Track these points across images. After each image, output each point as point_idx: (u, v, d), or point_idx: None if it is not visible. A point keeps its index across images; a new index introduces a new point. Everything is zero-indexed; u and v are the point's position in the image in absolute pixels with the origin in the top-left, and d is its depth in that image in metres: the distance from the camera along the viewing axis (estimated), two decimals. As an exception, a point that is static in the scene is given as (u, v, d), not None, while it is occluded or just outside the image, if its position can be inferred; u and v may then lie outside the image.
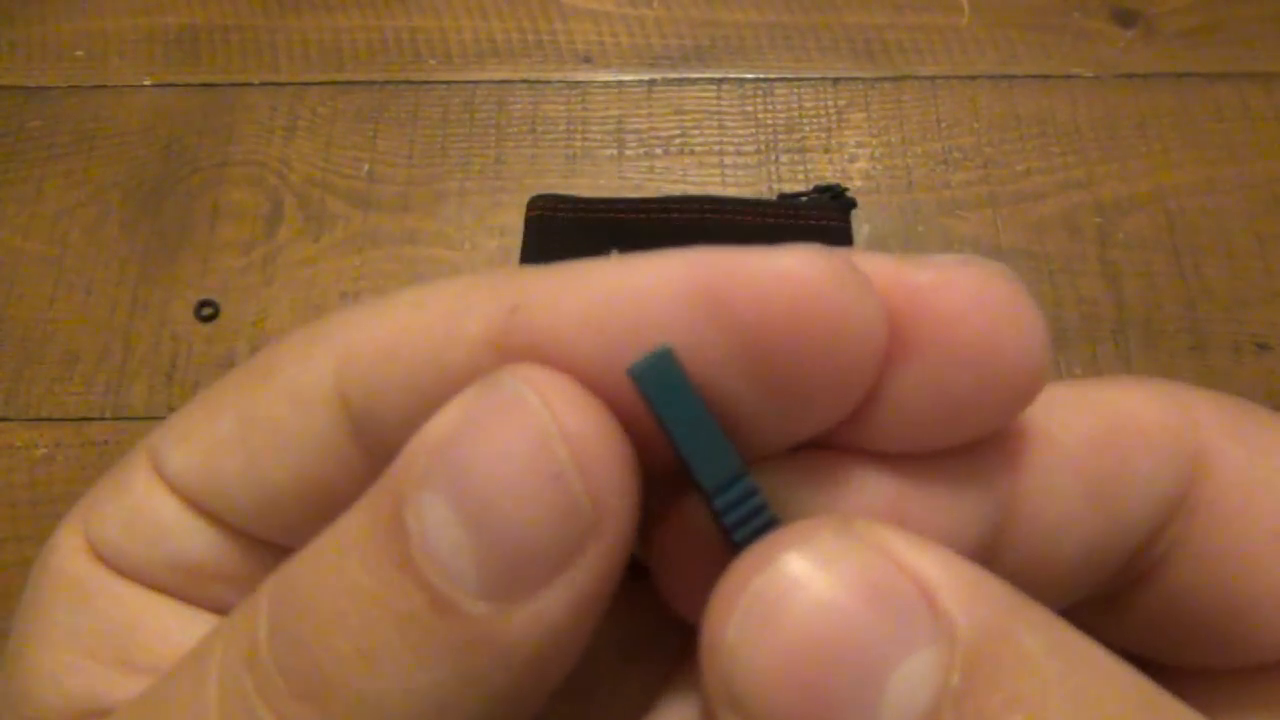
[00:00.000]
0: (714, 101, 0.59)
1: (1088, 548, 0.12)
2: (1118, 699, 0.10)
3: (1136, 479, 0.12)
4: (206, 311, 0.54)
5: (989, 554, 0.12)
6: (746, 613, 0.10)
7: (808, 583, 0.10)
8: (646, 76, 0.60)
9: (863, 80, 0.60)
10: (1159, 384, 0.13)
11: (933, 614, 0.10)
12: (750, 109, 0.59)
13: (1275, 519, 0.12)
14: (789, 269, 0.11)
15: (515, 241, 0.55)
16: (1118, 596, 0.13)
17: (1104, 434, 0.13)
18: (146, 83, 0.61)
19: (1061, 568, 0.13)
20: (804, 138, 0.58)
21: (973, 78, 0.60)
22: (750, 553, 0.11)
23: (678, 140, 0.58)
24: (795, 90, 0.60)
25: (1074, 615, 0.12)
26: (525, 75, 0.60)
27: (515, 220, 0.56)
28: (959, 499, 0.12)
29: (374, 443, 0.13)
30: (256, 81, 0.60)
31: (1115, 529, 0.12)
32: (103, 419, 0.52)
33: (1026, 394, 0.12)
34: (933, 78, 0.60)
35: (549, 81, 0.60)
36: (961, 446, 0.12)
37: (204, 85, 0.60)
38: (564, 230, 0.55)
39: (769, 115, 0.59)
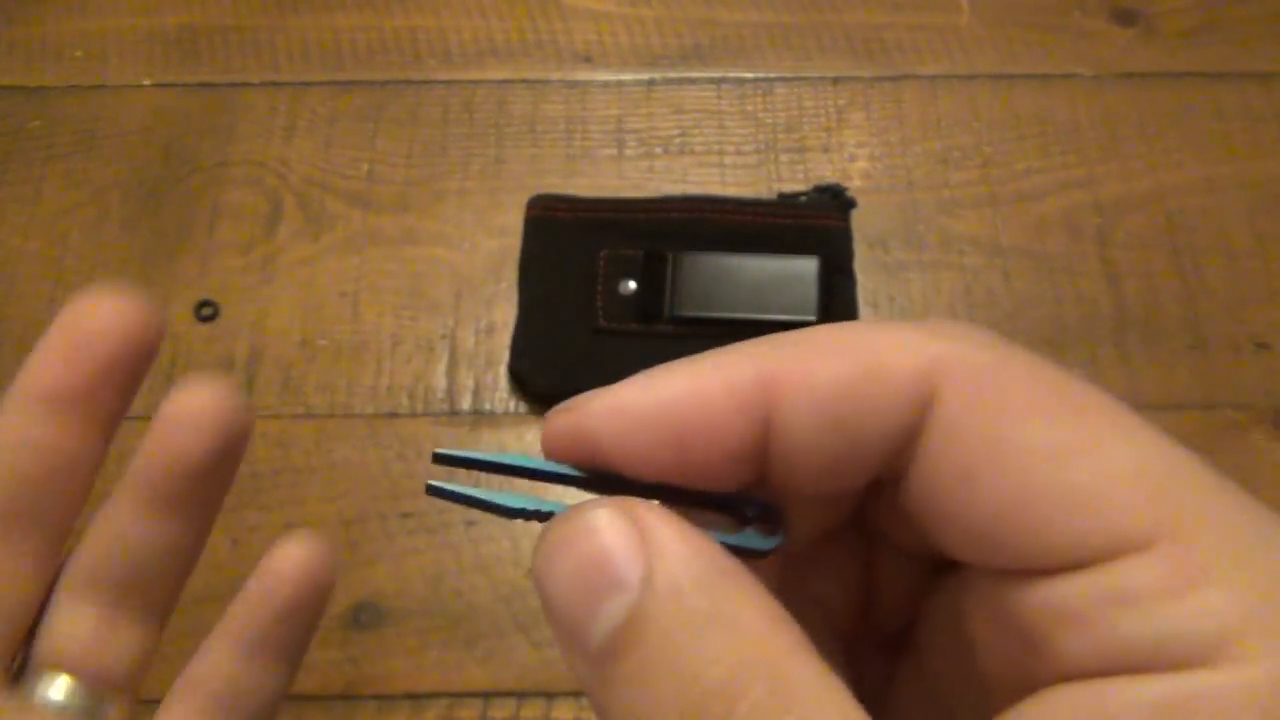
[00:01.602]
0: (714, 101, 0.59)
1: (835, 464, 0.17)
2: (740, 649, 0.14)
3: (874, 414, 0.16)
4: (206, 311, 0.54)
5: (760, 464, 0.17)
6: (549, 545, 0.16)
7: (585, 529, 0.16)
8: (646, 76, 0.60)
9: (863, 80, 0.60)
10: (912, 329, 0.17)
11: (645, 569, 0.15)
12: (750, 109, 0.59)
13: (969, 457, 0.16)
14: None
15: (515, 241, 0.55)
16: (888, 500, 0.17)
17: (851, 375, 0.16)
18: (146, 83, 0.61)
19: (814, 476, 0.17)
20: (804, 137, 0.58)
21: (972, 77, 0.60)
22: (558, 516, 0.16)
23: (678, 140, 0.58)
24: (795, 90, 0.60)
25: (874, 510, 0.19)
26: (525, 75, 0.60)
27: (515, 220, 0.56)
28: (728, 434, 0.17)
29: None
30: (256, 81, 0.60)
31: (856, 452, 0.17)
32: (103, 419, 0.52)
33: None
34: (932, 77, 0.60)
35: (549, 81, 0.60)
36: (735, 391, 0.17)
37: (204, 85, 0.60)
38: (564, 230, 0.55)
39: (769, 115, 0.59)
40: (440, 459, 0.19)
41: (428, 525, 0.49)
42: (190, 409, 0.26)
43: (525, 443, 0.51)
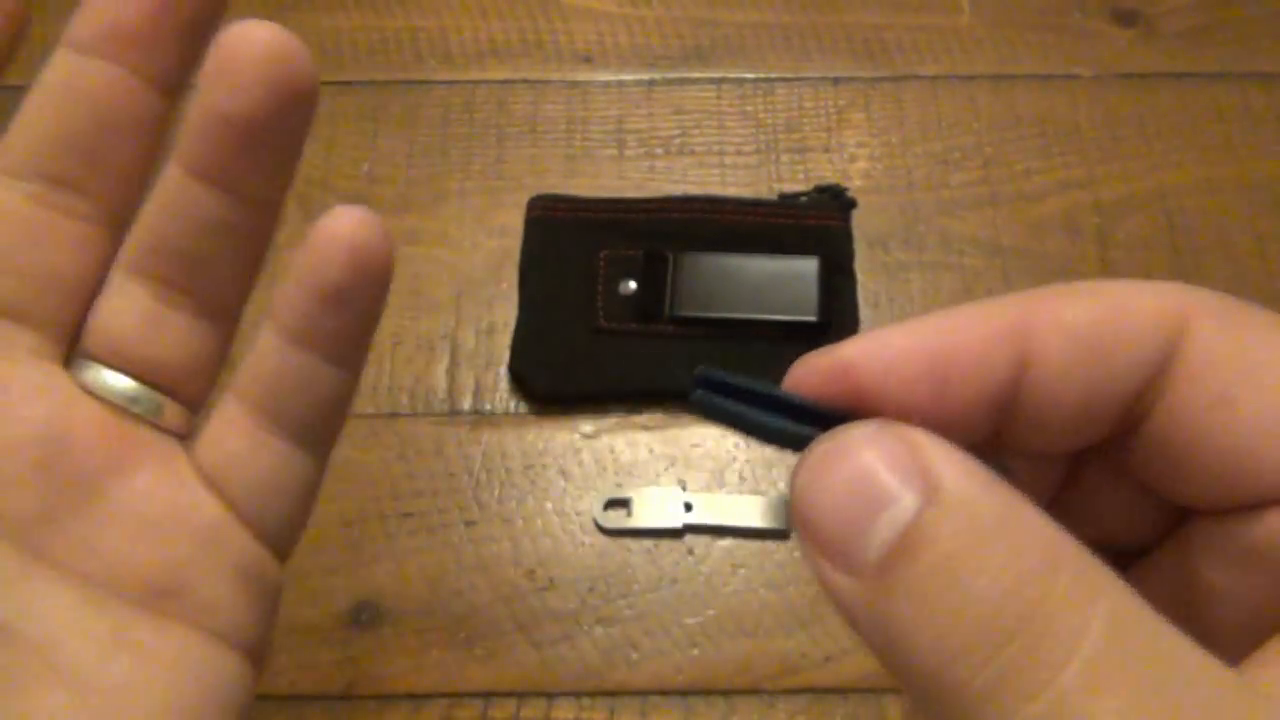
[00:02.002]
0: (714, 101, 0.59)
1: (1086, 400, 0.17)
2: (1037, 548, 0.14)
3: (1125, 346, 0.17)
4: (206, 311, 0.54)
5: (1010, 401, 0.17)
6: (815, 461, 0.16)
7: (853, 447, 0.16)
8: (646, 76, 0.60)
9: (863, 80, 0.60)
10: (1160, 282, 0.18)
11: (926, 478, 0.15)
12: (750, 109, 0.59)
13: (1225, 382, 0.16)
14: None
15: (515, 241, 0.55)
16: (1127, 439, 0.18)
17: (1103, 312, 0.17)
18: (146, 83, 0.61)
19: (1066, 414, 0.17)
20: (804, 138, 0.58)
21: (973, 78, 0.60)
22: (824, 436, 0.16)
23: (678, 140, 0.58)
24: (795, 90, 0.60)
25: (1106, 456, 0.19)
26: (525, 75, 0.60)
27: (515, 220, 0.56)
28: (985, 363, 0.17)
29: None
30: (256, 81, 0.60)
31: (1106, 388, 0.17)
32: (103, 419, 0.52)
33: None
34: (933, 78, 0.60)
35: (549, 81, 0.60)
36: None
37: (204, 85, 0.60)
38: (564, 230, 0.55)
39: (769, 115, 0.59)
40: (701, 382, 0.18)
41: (428, 525, 0.49)
42: (233, 54, 0.23)
43: (526, 442, 0.51)
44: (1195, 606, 0.18)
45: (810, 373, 0.18)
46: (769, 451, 0.51)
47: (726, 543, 0.49)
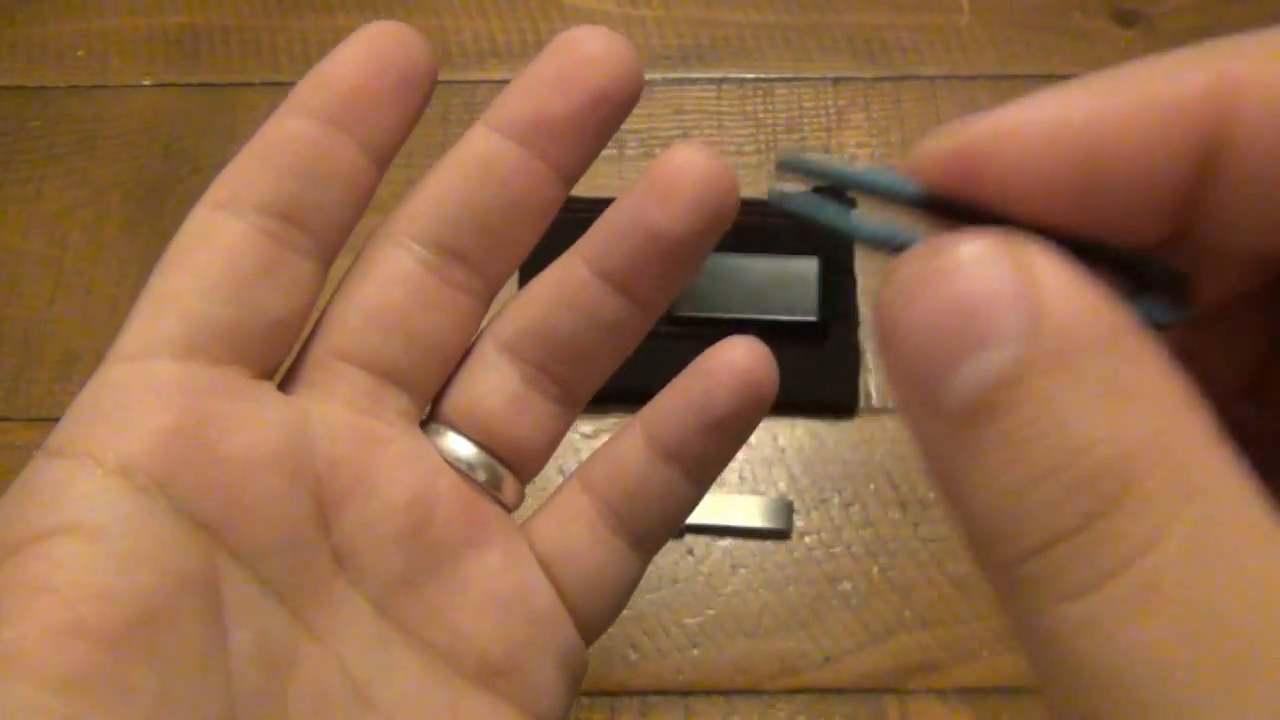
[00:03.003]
0: (714, 101, 0.59)
1: None
2: (1142, 424, 0.12)
3: None
4: (206, 311, 0.54)
5: (1194, 198, 0.14)
6: (906, 280, 0.14)
7: (955, 265, 0.13)
8: (646, 76, 0.60)
9: (863, 80, 0.60)
10: None
11: (1032, 319, 0.12)
12: (750, 109, 0.59)
13: None
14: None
15: (515, 241, 0.55)
16: None
17: None
18: (146, 83, 0.61)
19: (1261, 221, 0.14)
20: (804, 138, 0.58)
21: (973, 78, 0.60)
22: (919, 246, 0.14)
23: (678, 140, 0.58)
24: (795, 90, 0.60)
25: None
26: (525, 75, 0.60)
27: (515, 220, 0.56)
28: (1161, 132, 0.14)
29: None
30: (256, 81, 0.60)
31: None
32: (103, 419, 0.52)
33: None
34: (933, 78, 0.60)
35: (549, 81, 0.60)
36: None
37: (204, 85, 0.60)
38: (564, 230, 0.55)
39: (769, 115, 0.59)
40: (785, 166, 0.16)
41: (428, 525, 0.49)
42: (675, 174, 0.23)
43: (525, 443, 0.51)
44: None
45: (929, 161, 0.15)
46: (768, 452, 0.51)
47: (726, 543, 0.49)
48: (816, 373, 0.51)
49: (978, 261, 0.13)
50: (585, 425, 0.51)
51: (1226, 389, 0.17)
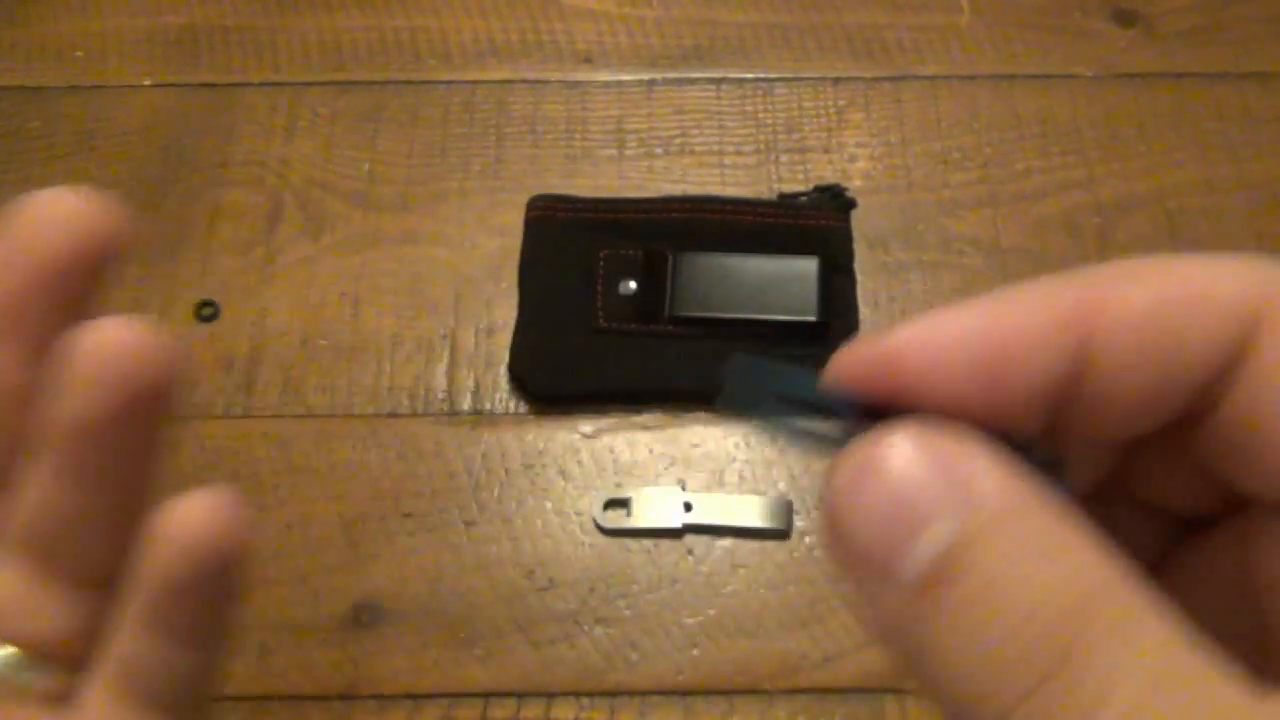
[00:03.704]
0: (714, 101, 0.59)
1: (1149, 393, 0.16)
2: (1080, 576, 0.14)
3: (1195, 336, 0.15)
4: (206, 311, 0.54)
5: (1071, 388, 0.16)
6: (850, 472, 0.15)
7: (893, 455, 0.15)
8: (646, 76, 0.60)
9: (863, 80, 0.60)
10: (1231, 259, 0.16)
11: (970, 494, 0.14)
12: (750, 109, 0.59)
13: None
14: None
15: (515, 241, 0.55)
16: (1199, 423, 0.17)
17: (1173, 298, 0.16)
18: (146, 83, 0.61)
19: (1127, 405, 0.16)
20: (804, 138, 0.58)
21: (973, 78, 0.60)
22: (858, 441, 0.15)
23: (678, 140, 0.58)
24: (795, 90, 0.60)
25: (1167, 438, 0.17)
26: (525, 75, 0.60)
27: (515, 220, 0.56)
28: (1038, 353, 0.16)
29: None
30: (256, 81, 0.60)
31: (1173, 378, 0.16)
32: (103, 419, 0.52)
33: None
34: (933, 78, 0.60)
35: (549, 81, 0.60)
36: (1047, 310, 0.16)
37: (204, 85, 0.60)
38: (564, 230, 0.55)
39: (769, 115, 0.59)
40: (729, 375, 0.17)
41: (428, 525, 0.49)
42: (99, 368, 0.21)
43: (526, 442, 0.51)
44: (1252, 592, 0.17)
45: (852, 363, 0.17)
46: (768, 451, 0.51)
47: (726, 543, 0.49)
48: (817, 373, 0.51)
49: (911, 448, 0.15)
50: (585, 425, 0.51)
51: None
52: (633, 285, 0.53)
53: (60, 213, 0.20)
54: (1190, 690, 0.13)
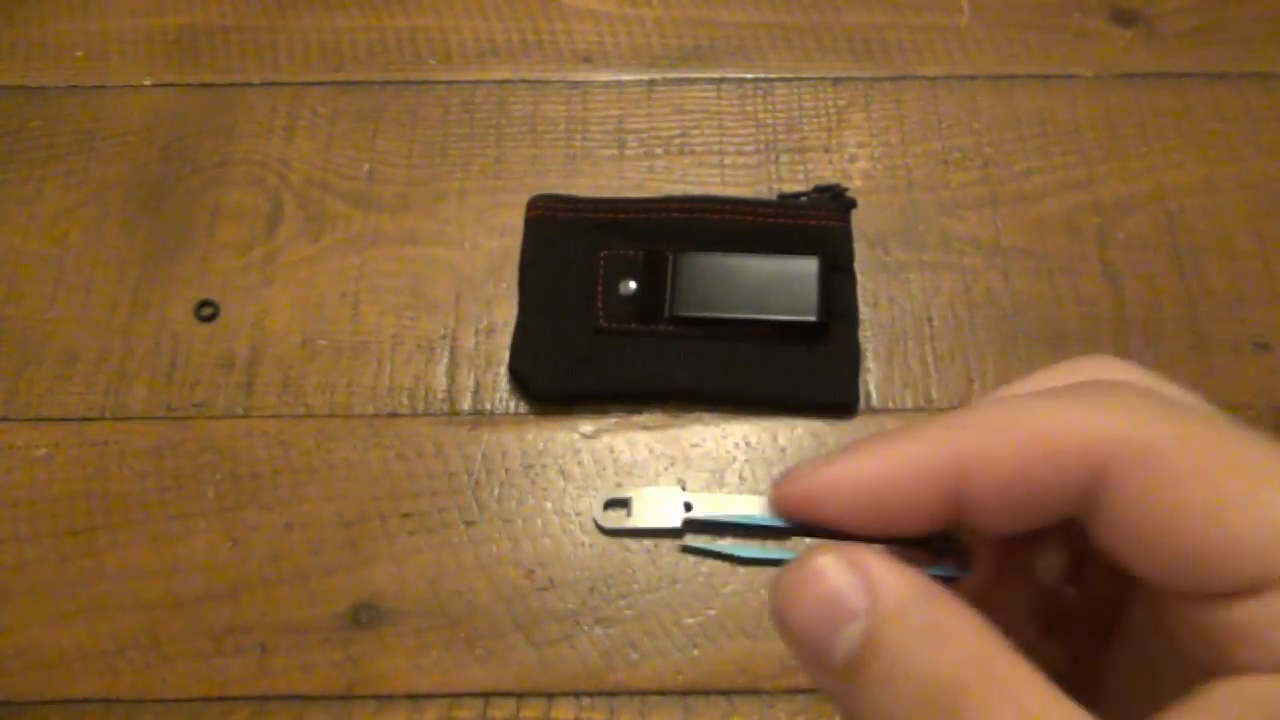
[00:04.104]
0: (714, 101, 0.59)
1: (1021, 522, 0.20)
2: (957, 652, 0.18)
3: (1050, 490, 0.19)
4: (206, 311, 0.54)
5: (956, 511, 0.20)
6: (786, 587, 0.20)
7: (816, 573, 0.19)
8: (646, 76, 0.60)
9: (863, 80, 0.60)
10: (1077, 405, 0.20)
11: (873, 599, 0.19)
12: (750, 109, 0.59)
13: (1141, 526, 0.19)
14: None
15: (515, 241, 0.55)
16: (1077, 531, 0.20)
17: (1028, 458, 0.19)
18: (146, 83, 0.61)
19: (1005, 520, 0.20)
20: (804, 138, 0.58)
21: (973, 78, 0.60)
22: (791, 563, 0.20)
23: (678, 140, 0.58)
24: (795, 90, 0.60)
25: (1064, 530, 0.21)
26: (525, 75, 0.60)
27: (515, 220, 0.56)
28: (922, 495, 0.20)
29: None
30: (256, 81, 0.60)
31: (1038, 516, 0.20)
32: (102, 419, 0.52)
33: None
34: (933, 78, 0.60)
35: (549, 81, 0.60)
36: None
37: (204, 85, 0.60)
38: (564, 230, 0.55)
39: (769, 115, 0.59)
40: (689, 527, 0.26)
41: (428, 525, 0.49)
42: None
43: (526, 442, 0.51)
44: (1157, 668, 0.21)
45: (784, 499, 0.22)
46: (769, 452, 0.51)
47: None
48: (816, 373, 0.51)
49: (831, 565, 0.19)
50: (585, 425, 0.51)
51: (1057, 591, 0.24)
52: (633, 285, 0.53)
53: None
54: None
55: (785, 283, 0.52)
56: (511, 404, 0.52)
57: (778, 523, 0.23)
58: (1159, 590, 0.19)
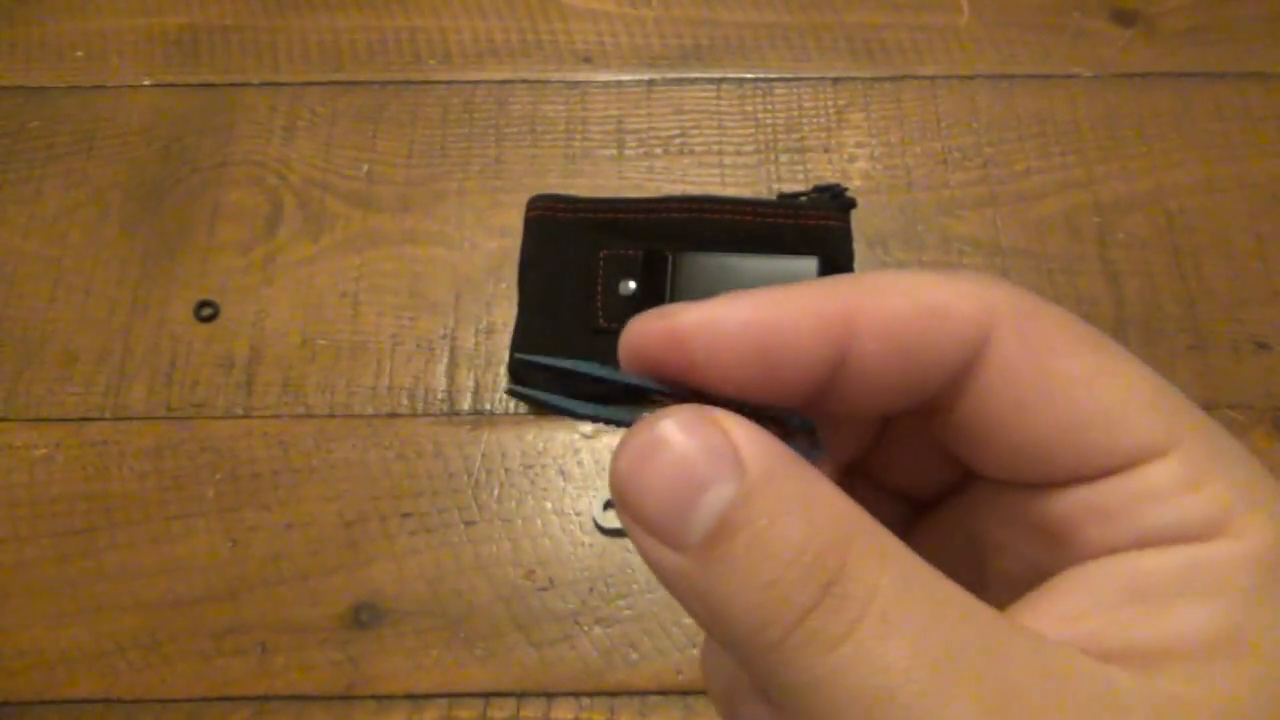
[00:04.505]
0: (713, 101, 0.59)
1: (897, 388, 0.19)
2: (837, 517, 0.17)
3: (936, 346, 0.19)
4: (206, 312, 0.54)
5: (830, 378, 0.19)
6: (633, 451, 0.18)
7: (669, 437, 0.17)
8: (646, 76, 0.60)
9: (862, 80, 0.60)
10: (968, 280, 0.19)
11: (737, 465, 0.17)
12: (750, 109, 0.59)
13: (1020, 388, 0.18)
14: None
15: (515, 241, 0.55)
16: (942, 410, 0.20)
17: (919, 312, 0.19)
18: (146, 83, 0.61)
19: (878, 396, 0.19)
20: (803, 137, 0.58)
21: (972, 77, 0.60)
22: (642, 420, 0.18)
23: (677, 140, 0.58)
24: (795, 90, 0.60)
25: (909, 428, 0.22)
26: (525, 75, 0.60)
27: (515, 220, 0.56)
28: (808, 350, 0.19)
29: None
30: (256, 81, 0.60)
31: (917, 379, 0.19)
32: (102, 419, 0.52)
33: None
34: (932, 77, 0.60)
35: (549, 81, 0.60)
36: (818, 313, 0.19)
37: (204, 85, 0.60)
38: (564, 230, 0.55)
39: (769, 115, 0.59)
40: (518, 362, 0.20)
41: (428, 525, 0.49)
42: None
43: (526, 442, 0.51)
44: (976, 555, 0.21)
45: (644, 335, 0.19)
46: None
47: (726, 543, 0.49)
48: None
49: (688, 427, 0.17)
50: (585, 425, 0.51)
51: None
52: (633, 285, 0.53)
53: None
54: (934, 592, 0.17)
55: (785, 283, 0.52)
56: (511, 404, 0.52)
57: (622, 377, 0.20)
58: (1004, 484, 0.19)
